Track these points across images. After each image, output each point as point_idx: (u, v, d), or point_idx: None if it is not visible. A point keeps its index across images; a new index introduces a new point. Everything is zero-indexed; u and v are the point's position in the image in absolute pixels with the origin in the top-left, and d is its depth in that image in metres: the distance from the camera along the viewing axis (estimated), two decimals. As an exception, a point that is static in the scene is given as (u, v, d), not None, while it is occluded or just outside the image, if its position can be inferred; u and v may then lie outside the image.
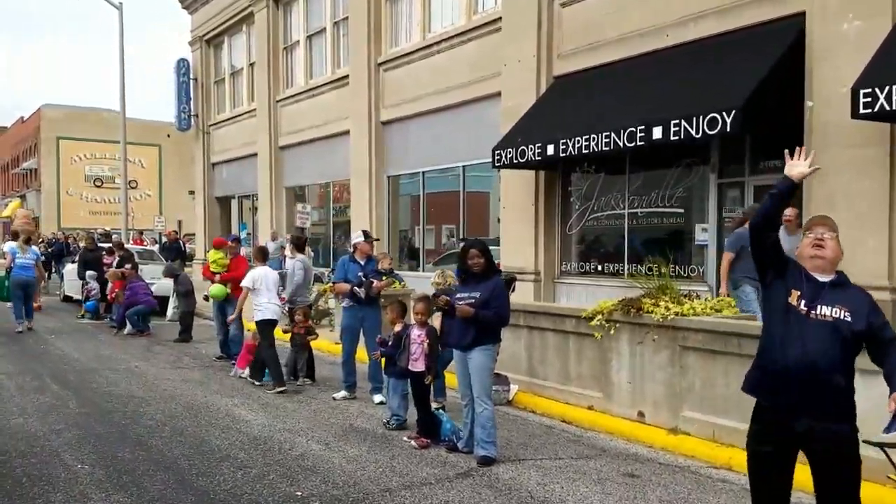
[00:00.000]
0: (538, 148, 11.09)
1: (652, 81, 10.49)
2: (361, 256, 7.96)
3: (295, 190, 22.22)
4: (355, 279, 7.77)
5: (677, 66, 10.26)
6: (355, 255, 8.00)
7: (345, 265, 8.01)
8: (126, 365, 9.61)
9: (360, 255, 7.98)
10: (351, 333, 7.88)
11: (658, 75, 10.48)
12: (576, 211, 12.40)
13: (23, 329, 12.85)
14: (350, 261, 7.99)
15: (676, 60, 10.38)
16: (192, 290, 12.85)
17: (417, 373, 6.12)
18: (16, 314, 13.16)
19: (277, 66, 21.81)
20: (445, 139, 15.48)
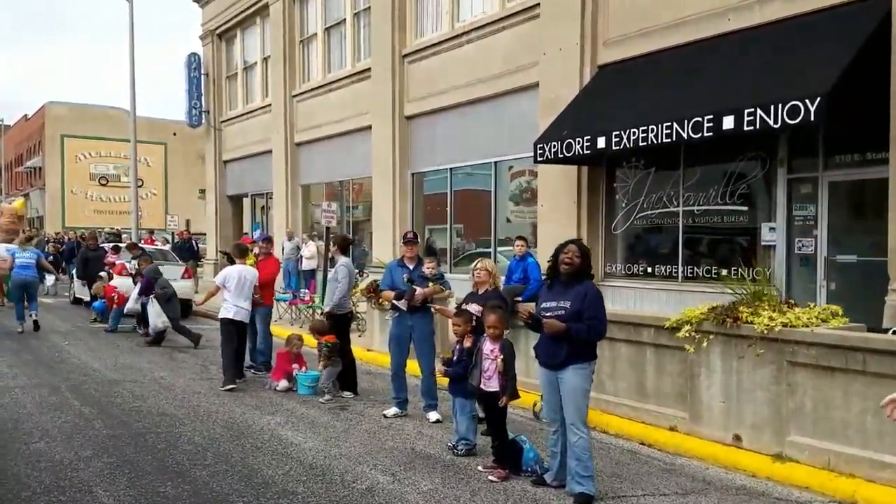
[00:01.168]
0: (587, 141, 10.33)
1: (714, 69, 9.74)
2: (410, 260, 7.22)
3: (310, 188, 21.50)
4: (402, 285, 7.02)
5: (742, 53, 9.52)
6: (404, 260, 7.25)
7: (392, 270, 7.27)
8: (150, 375, 8.88)
9: (407, 258, 7.23)
10: (400, 344, 7.13)
11: (720, 62, 9.73)
12: (622, 209, 11.65)
13: (23, 329, 12.78)
14: (398, 265, 7.25)
15: (740, 46, 9.64)
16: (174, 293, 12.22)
17: (490, 393, 5.37)
18: (17, 314, 13.11)
19: (293, 59, 21.08)
20: (475, 134, 14.73)
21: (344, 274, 8.09)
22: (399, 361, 7.10)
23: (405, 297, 6.86)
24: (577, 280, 4.90)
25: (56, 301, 18.70)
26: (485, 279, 6.45)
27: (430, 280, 6.90)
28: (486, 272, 6.45)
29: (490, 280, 6.46)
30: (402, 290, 6.96)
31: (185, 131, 50.68)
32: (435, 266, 7.05)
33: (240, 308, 8.66)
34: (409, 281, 6.94)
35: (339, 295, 8.05)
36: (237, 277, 8.62)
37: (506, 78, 13.66)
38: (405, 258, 7.24)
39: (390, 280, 7.17)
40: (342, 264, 8.21)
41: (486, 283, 6.45)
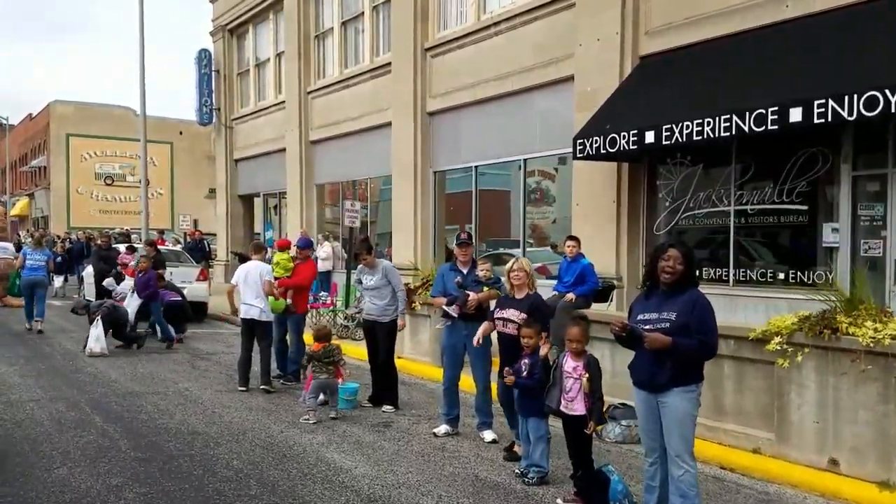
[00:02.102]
0: (633, 136, 9.71)
1: (772, 59, 9.12)
2: (463, 264, 6.62)
3: (325, 187, 20.91)
4: (456, 292, 6.42)
5: (804, 42, 8.90)
6: (457, 262, 6.66)
7: (443, 275, 6.68)
8: (173, 387, 8.28)
9: (462, 262, 6.63)
10: (453, 355, 6.53)
11: (779, 52, 9.11)
12: (665, 208, 11.03)
13: (31, 327, 13.09)
14: (450, 269, 6.66)
15: (801, 35, 9.02)
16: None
17: (575, 417, 4.76)
18: (27, 312, 13.43)
19: (308, 55, 20.48)
20: (502, 131, 14.13)
21: (399, 276, 7.54)
22: (452, 374, 6.50)
23: (457, 303, 6.26)
24: (681, 289, 4.28)
25: (66, 303, 18.10)
26: (523, 281, 5.80)
27: (485, 284, 6.29)
28: (524, 273, 5.79)
29: (529, 282, 5.84)
30: (454, 297, 6.36)
31: (191, 130, 50.34)
32: (490, 269, 6.42)
33: (250, 305, 8.32)
34: (461, 286, 6.33)
35: (404, 296, 7.52)
36: (243, 274, 8.42)
37: (537, 71, 13.05)
38: (458, 261, 6.64)
39: (442, 285, 6.57)
40: (389, 267, 7.57)
41: (525, 285, 5.81)
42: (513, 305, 5.75)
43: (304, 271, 9.21)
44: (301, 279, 9.16)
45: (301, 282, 9.19)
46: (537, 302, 5.76)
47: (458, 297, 6.30)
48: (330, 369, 7.24)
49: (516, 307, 5.72)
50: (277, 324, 9.08)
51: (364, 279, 7.64)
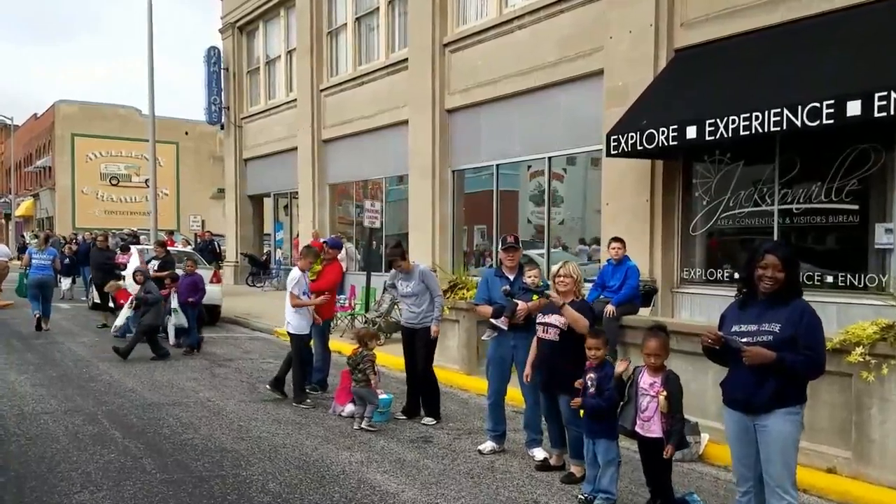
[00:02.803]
0: (673, 131, 9.25)
1: (820, 50, 8.67)
2: (509, 270, 6.15)
3: (338, 187, 20.47)
4: (501, 300, 5.96)
5: (856, 32, 8.44)
6: (502, 268, 6.19)
7: (488, 281, 6.18)
8: (194, 397, 7.83)
9: (508, 267, 6.17)
10: (500, 367, 6.06)
11: (828, 43, 8.66)
12: (702, 208, 10.57)
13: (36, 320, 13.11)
14: (495, 275, 6.16)
15: (851, 25, 8.56)
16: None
17: (652, 440, 4.30)
18: (33, 309, 13.47)
19: (321, 52, 20.06)
20: (524, 128, 13.69)
21: (437, 280, 7.06)
22: (499, 388, 6.02)
23: (505, 313, 5.79)
24: (784, 298, 3.81)
25: (73, 306, 17.71)
26: (570, 287, 5.34)
27: (534, 292, 5.83)
28: (571, 279, 5.33)
29: (575, 289, 5.38)
30: (501, 306, 5.89)
31: (196, 130, 50.00)
32: (538, 275, 5.95)
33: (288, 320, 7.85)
34: (508, 294, 5.86)
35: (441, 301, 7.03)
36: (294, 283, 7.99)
37: (562, 66, 12.60)
38: (504, 267, 6.15)
39: (486, 293, 6.09)
40: (425, 271, 7.11)
41: (571, 292, 5.35)
42: (557, 311, 5.30)
43: (329, 274, 8.76)
44: (323, 283, 8.70)
45: (323, 286, 8.73)
46: (584, 309, 5.31)
47: (506, 306, 5.83)
48: (358, 377, 6.80)
49: (560, 313, 5.27)
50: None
51: (400, 286, 7.16)
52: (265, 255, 24.54)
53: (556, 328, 5.22)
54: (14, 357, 10.09)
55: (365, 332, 7.17)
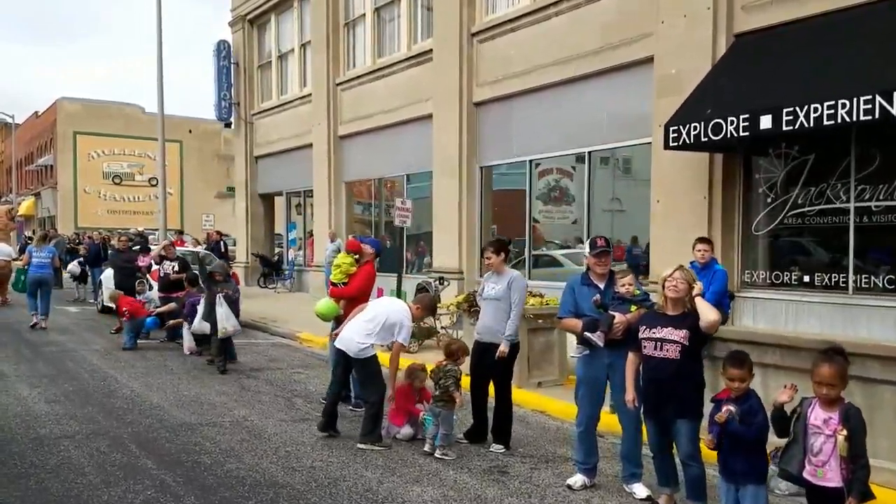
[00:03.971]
0: (744, 121, 8.47)
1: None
2: (599, 276, 5.34)
3: (354, 185, 19.70)
4: (591, 311, 5.16)
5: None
6: (590, 275, 5.37)
7: (574, 289, 5.33)
8: (229, 415, 7.03)
9: (597, 274, 5.35)
10: (592, 390, 5.24)
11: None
12: (766, 205, 9.81)
13: (35, 323, 13.24)
14: (583, 283, 5.33)
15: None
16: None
17: (826, 489, 3.51)
18: (30, 307, 13.58)
19: (337, 44, 19.28)
20: (562, 120, 12.91)
21: (524, 293, 6.25)
22: (591, 414, 5.21)
23: (601, 327, 4.99)
24: None
25: (82, 309, 16.93)
26: (682, 294, 4.60)
27: (631, 302, 5.05)
28: (686, 285, 4.59)
29: (688, 297, 4.62)
30: (593, 318, 5.09)
31: (200, 129, 49.22)
32: (633, 283, 5.15)
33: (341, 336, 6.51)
34: (599, 306, 5.07)
35: (517, 319, 6.15)
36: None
37: (605, 54, 11.83)
38: (593, 274, 5.31)
39: (573, 303, 5.26)
40: (517, 278, 6.27)
41: (683, 299, 4.60)
42: (669, 323, 4.53)
43: (358, 279, 7.87)
44: (350, 290, 7.80)
45: (350, 292, 7.83)
46: (697, 322, 4.54)
47: (602, 319, 5.02)
48: (437, 394, 6.04)
49: (674, 325, 4.50)
50: (333, 341, 7.82)
51: (486, 286, 6.32)
52: (277, 255, 23.76)
53: (677, 344, 4.43)
54: (24, 368, 9.31)
55: (458, 346, 6.39)
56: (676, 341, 4.47)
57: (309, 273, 21.03)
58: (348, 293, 7.77)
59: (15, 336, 12.39)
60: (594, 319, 5.05)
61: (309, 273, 21.03)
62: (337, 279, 7.74)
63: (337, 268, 7.74)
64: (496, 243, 6.40)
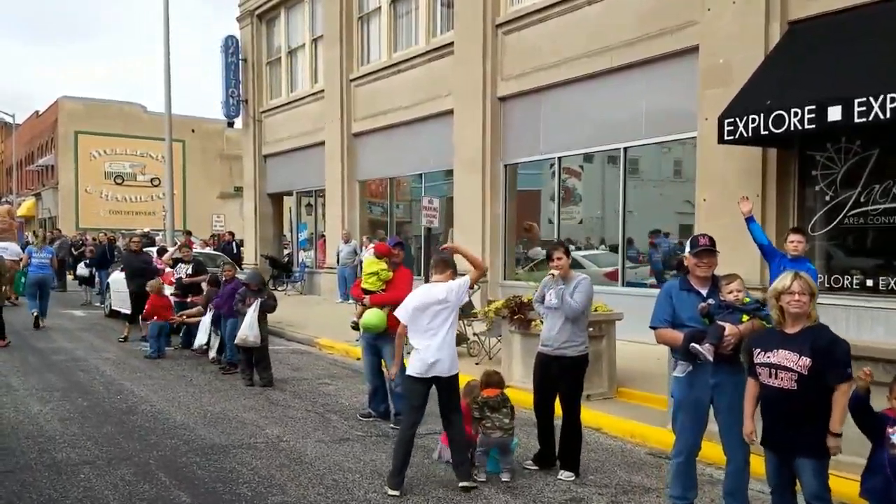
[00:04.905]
0: (809, 112, 7.86)
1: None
2: (701, 281, 4.63)
3: (369, 184, 19.09)
4: (693, 320, 4.46)
5: None
6: (690, 279, 4.66)
7: (671, 295, 4.61)
8: (261, 434, 6.39)
9: (699, 278, 4.62)
10: (694, 414, 4.52)
11: None
12: (824, 204, 9.20)
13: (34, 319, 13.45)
14: (681, 288, 4.61)
15: None
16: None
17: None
18: (30, 309, 13.77)
19: (351, 39, 18.66)
20: (596, 115, 12.30)
21: (589, 294, 5.55)
22: (692, 443, 4.54)
23: (710, 339, 4.29)
24: None
25: (89, 314, 16.29)
26: (804, 308, 3.87)
27: (743, 311, 4.40)
28: (807, 297, 3.87)
29: (811, 310, 3.91)
30: (697, 329, 4.41)
31: (203, 128, 48.55)
32: (742, 289, 4.51)
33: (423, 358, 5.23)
34: (706, 315, 4.43)
35: (583, 333, 5.52)
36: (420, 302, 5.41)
37: (643, 44, 11.22)
38: (694, 278, 4.61)
39: (669, 312, 4.56)
40: (585, 283, 5.65)
41: (805, 314, 3.89)
42: (785, 344, 3.87)
43: (403, 282, 7.30)
44: (397, 293, 7.24)
45: (397, 297, 7.28)
46: (826, 340, 3.85)
47: (709, 331, 4.35)
48: (507, 424, 5.43)
49: (791, 347, 3.84)
50: (371, 349, 7.21)
51: (549, 296, 5.62)
52: (287, 256, 23.13)
53: (792, 372, 3.80)
54: (34, 379, 8.68)
55: (499, 377, 5.78)
56: (792, 369, 3.82)
57: (321, 275, 20.41)
58: (393, 298, 7.16)
59: (21, 342, 11.76)
60: (699, 330, 4.38)
61: (321, 275, 20.41)
62: (375, 287, 7.11)
63: (373, 275, 7.10)
64: (565, 246, 5.75)
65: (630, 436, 6.70)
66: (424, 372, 5.22)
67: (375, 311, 6.97)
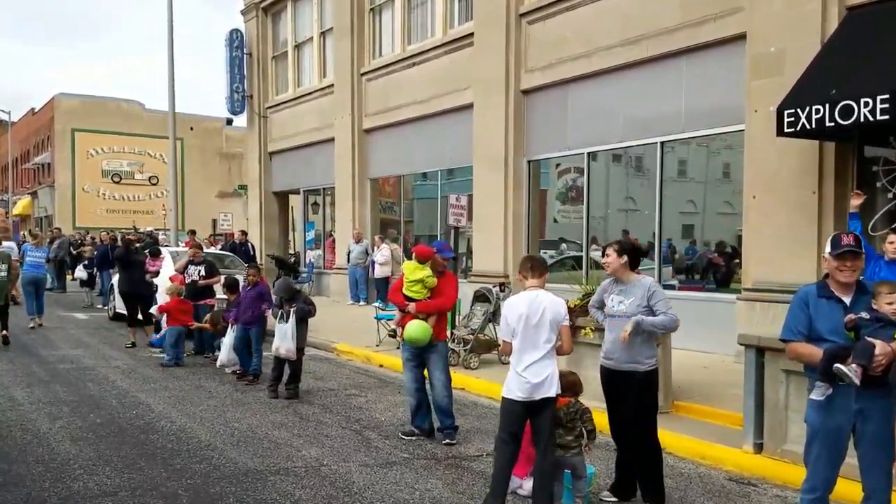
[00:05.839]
0: (883, 102, 7.25)
1: None
2: (843, 287, 3.89)
3: (380, 182, 18.45)
4: (833, 333, 3.79)
5: None
6: (832, 285, 3.94)
7: (808, 304, 3.91)
8: (298, 457, 5.73)
9: (840, 284, 3.89)
10: (832, 445, 3.83)
11: None
12: (887, 202, 8.61)
13: (34, 325, 13.41)
14: (820, 296, 3.92)
15: None
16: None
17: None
18: (28, 310, 13.66)
19: (362, 31, 18.01)
20: (631, 107, 11.68)
21: (667, 300, 4.87)
22: (828, 477, 3.86)
23: (857, 357, 3.62)
24: None
25: (91, 317, 15.61)
26: None
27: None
28: None
29: None
30: (841, 346, 3.73)
31: (201, 126, 47.80)
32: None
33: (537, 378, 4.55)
34: (851, 328, 3.81)
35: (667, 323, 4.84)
36: (524, 312, 4.65)
37: (683, 31, 10.62)
38: (835, 284, 3.91)
39: (804, 322, 3.88)
40: (654, 286, 4.96)
41: None
42: None
43: (450, 288, 6.72)
44: (447, 300, 6.69)
45: (447, 304, 6.73)
46: None
47: (856, 348, 3.67)
48: (569, 441, 4.80)
49: None
50: (415, 359, 6.60)
51: (610, 301, 5.00)
52: (293, 256, 22.44)
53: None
54: (40, 392, 8.02)
55: (575, 377, 5.13)
56: None
57: (329, 276, 19.77)
58: (441, 306, 6.56)
59: (23, 350, 11.09)
60: (842, 347, 3.73)
61: (329, 276, 19.77)
62: (420, 296, 6.48)
63: (417, 283, 6.47)
64: (623, 244, 5.06)
65: (701, 458, 6.09)
66: (529, 394, 4.57)
67: (420, 323, 6.35)
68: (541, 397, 4.58)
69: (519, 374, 4.61)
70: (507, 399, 4.69)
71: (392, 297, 6.74)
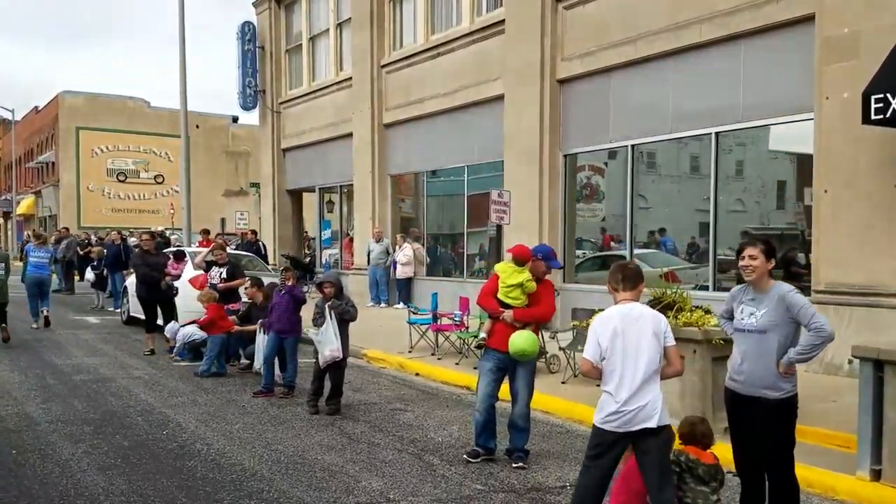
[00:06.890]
0: None
1: None
2: None
3: (401, 179, 17.72)
4: None
5: None
6: None
7: None
8: (361, 491, 4.97)
9: None
10: None
11: None
12: (980, 194, 7.86)
13: (37, 326, 13.23)
14: None
15: None
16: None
17: None
18: (31, 311, 13.49)
19: (382, 22, 17.28)
20: (682, 96, 10.95)
21: (811, 308, 4.06)
22: None
23: None
24: None
25: (103, 321, 14.92)
26: None
27: None
28: None
29: None
30: None
31: (207, 124, 47.02)
32: None
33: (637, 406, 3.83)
34: None
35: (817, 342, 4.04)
36: (619, 327, 3.93)
37: (742, 14, 9.91)
38: None
39: None
40: (790, 293, 4.10)
41: None
42: None
43: (549, 296, 5.96)
44: (550, 308, 5.96)
45: (548, 313, 6.00)
46: None
47: None
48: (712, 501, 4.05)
49: None
50: (496, 376, 5.84)
51: (740, 311, 4.22)
52: (308, 256, 21.75)
53: None
54: (57, 409, 7.30)
55: (704, 428, 4.25)
56: None
57: (348, 277, 18.99)
58: (541, 315, 5.85)
59: (34, 357, 10.39)
60: None
61: (348, 277, 18.99)
62: (518, 302, 5.75)
63: (516, 287, 5.73)
64: (764, 243, 4.28)
65: (808, 485, 5.33)
66: (626, 423, 3.85)
67: (529, 334, 5.62)
68: (639, 427, 3.85)
69: (613, 399, 3.88)
70: (598, 427, 3.96)
71: (483, 302, 5.97)
